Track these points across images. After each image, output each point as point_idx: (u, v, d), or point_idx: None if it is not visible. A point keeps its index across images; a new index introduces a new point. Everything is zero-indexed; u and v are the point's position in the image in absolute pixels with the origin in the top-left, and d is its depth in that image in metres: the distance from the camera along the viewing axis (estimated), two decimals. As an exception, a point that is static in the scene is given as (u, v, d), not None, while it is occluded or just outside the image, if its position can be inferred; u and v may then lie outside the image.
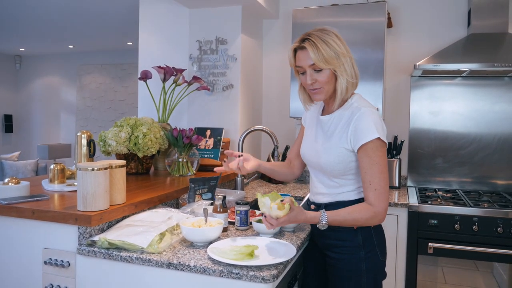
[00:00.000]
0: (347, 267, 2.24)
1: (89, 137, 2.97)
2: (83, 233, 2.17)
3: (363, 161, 2.13)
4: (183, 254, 2.05)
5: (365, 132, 2.10)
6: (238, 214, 2.47)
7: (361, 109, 2.16)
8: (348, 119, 2.19)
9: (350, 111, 2.21)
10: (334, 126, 2.26)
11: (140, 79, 3.81)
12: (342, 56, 2.15)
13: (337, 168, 2.21)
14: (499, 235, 3.28)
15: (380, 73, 3.76)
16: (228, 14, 4.17)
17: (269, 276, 1.79)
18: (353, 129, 2.14)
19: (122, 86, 11.46)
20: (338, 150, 2.19)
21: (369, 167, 2.11)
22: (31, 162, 9.12)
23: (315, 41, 2.12)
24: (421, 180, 4.24)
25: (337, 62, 2.13)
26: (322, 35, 2.15)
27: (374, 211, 2.10)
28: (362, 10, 3.84)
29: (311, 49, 2.12)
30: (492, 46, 3.75)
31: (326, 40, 2.13)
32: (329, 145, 2.23)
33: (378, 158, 2.11)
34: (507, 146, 4.02)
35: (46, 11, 7.42)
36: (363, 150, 2.11)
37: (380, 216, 2.12)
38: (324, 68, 2.14)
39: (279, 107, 4.72)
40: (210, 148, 3.88)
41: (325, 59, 2.11)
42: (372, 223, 2.15)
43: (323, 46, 2.11)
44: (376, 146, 2.11)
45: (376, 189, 2.10)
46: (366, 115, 2.13)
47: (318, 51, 2.11)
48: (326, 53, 2.11)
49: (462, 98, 4.12)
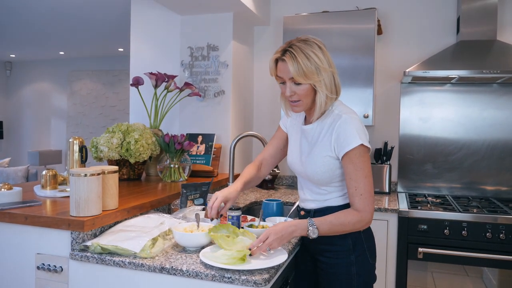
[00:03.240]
0: (338, 271, 2.25)
1: (81, 143, 2.97)
2: (76, 238, 2.18)
3: (347, 167, 2.14)
4: (175, 258, 2.07)
5: (347, 140, 2.11)
6: (230, 219, 2.48)
7: (342, 116, 2.16)
8: (330, 127, 2.19)
9: (331, 119, 2.21)
10: (317, 134, 2.27)
11: (132, 85, 3.82)
12: (323, 70, 2.11)
13: (323, 177, 2.23)
14: (488, 240, 3.31)
15: (370, 80, 3.79)
16: (219, 21, 4.20)
17: (261, 280, 1.81)
18: (336, 137, 2.15)
19: (113, 92, 11.46)
20: (323, 160, 2.20)
21: (353, 173, 2.12)
22: (22, 169, 9.08)
23: (296, 54, 2.08)
24: (411, 186, 4.27)
25: (317, 77, 2.11)
26: (305, 47, 2.10)
27: (361, 216, 2.11)
28: (353, 17, 3.88)
29: (291, 62, 2.08)
30: (481, 53, 3.78)
31: (307, 53, 2.09)
32: (314, 155, 2.24)
33: (362, 163, 2.12)
34: (496, 152, 4.06)
35: (36, 17, 7.42)
36: (347, 157, 2.12)
37: (367, 220, 2.14)
38: (303, 83, 2.13)
39: (270, 113, 4.74)
40: (202, 154, 3.90)
41: (304, 74, 2.08)
42: (359, 227, 2.16)
43: (303, 60, 2.07)
44: (359, 152, 2.12)
45: (361, 194, 2.11)
46: (347, 122, 2.14)
47: (298, 64, 2.07)
48: (305, 68, 2.07)
49: (452, 105, 4.15)
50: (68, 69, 11.95)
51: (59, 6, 6.67)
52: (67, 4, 6.58)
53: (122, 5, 6.31)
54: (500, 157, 4.05)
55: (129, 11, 4.63)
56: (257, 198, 3.81)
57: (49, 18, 7.45)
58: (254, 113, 4.83)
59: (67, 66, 11.96)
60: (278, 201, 2.91)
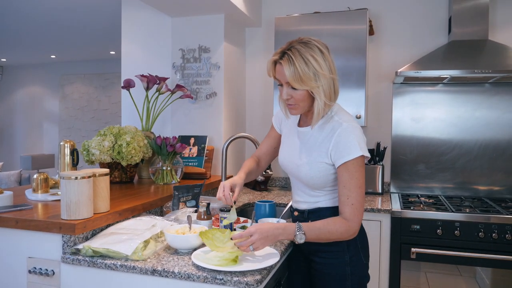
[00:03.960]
0: (332, 271, 2.25)
1: (72, 146, 2.96)
2: (67, 242, 2.17)
3: (342, 175, 2.11)
4: (167, 261, 2.06)
5: (347, 150, 2.08)
6: (222, 221, 2.47)
7: (342, 124, 2.13)
8: (329, 134, 2.17)
9: (331, 125, 2.18)
10: (314, 139, 2.24)
11: (123, 88, 3.81)
12: (323, 77, 2.06)
13: (317, 182, 2.22)
14: (480, 240, 3.32)
15: (362, 80, 3.79)
16: (210, 22, 4.19)
17: (252, 281, 1.80)
18: (335, 145, 2.12)
19: (105, 96, 11.43)
20: (319, 165, 2.19)
21: (348, 182, 2.09)
22: (15, 173, 9.05)
23: (293, 58, 2.03)
24: (404, 186, 4.28)
25: (315, 83, 2.05)
26: (304, 51, 2.04)
27: (349, 225, 2.08)
28: (344, 18, 3.88)
29: (287, 67, 2.03)
30: (472, 52, 3.79)
31: (306, 57, 2.03)
32: (310, 160, 2.22)
33: (357, 173, 2.10)
34: (488, 152, 4.07)
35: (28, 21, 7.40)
36: (344, 166, 2.10)
37: (354, 231, 2.11)
38: (298, 89, 2.08)
39: (263, 114, 4.74)
40: (194, 156, 3.89)
41: (301, 79, 2.03)
42: (345, 237, 2.12)
43: (301, 65, 2.02)
44: (357, 162, 2.10)
45: (353, 203, 2.09)
46: (348, 131, 2.11)
47: (295, 70, 2.02)
48: (303, 73, 2.02)
49: (444, 105, 4.16)
50: (59, 73, 11.92)
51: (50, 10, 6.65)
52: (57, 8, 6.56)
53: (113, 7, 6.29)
54: (492, 157, 4.06)
55: (120, 14, 4.62)
56: (250, 200, 3.80)
57: (40, 22, 7.43)
58: (247, 114, 4.83)
59: (58, 70, 11.93)
60: (271, 202, 2.90)
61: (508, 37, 4.03)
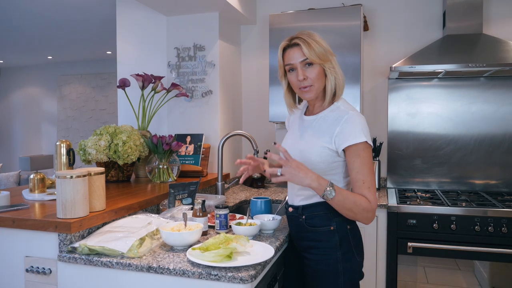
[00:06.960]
0: (324, 267, 2.25)
1: (68, 146, 2.97)
2: (63, 240, 2.18)
3: (354, 161, 2.14)
4: (162, 257, 2.07)
5: (353, 134, 2.13)
6: (217, 217, 2.49)
7: (349, 112, 2.19)
8: (335, 121, 2.21)
9: (337, 113, 2.24)
10: (318, 126, 2.29)
11: (118, 87, 3.81)
12: (330, 54, 2.23)
13: (318, 167, 2.22)
14: (477, 233, 3.33)
15: (358, 76, 3.80)
16: (205, 20, 4.19)
17: (247, 277, 1.82)
18: (340, 131, 2.16)
19: (103, 96, 11.42)
20: (321, 150, 2.21)
21: (361, 167, 2.13)
22: (13, 174, 9.04)
23: (306, 39, 2.19)
24: (400, 181, 4.29)
25: (327, 58, 2.21)
26: (311, 35, 2.22)
27: (371, 205, 2.12)
28: (339, 14, 3.88)
29: (304, 44, 2.18)
30: (467, 47, 3.79)
31: (315, 39, 2.20)
32: (312, 144, 2.25)
33: (368, 159, 2.15)
34: (484, 146, 4.08)
35: (23, 22, 7.39)
36: (354, 151, 2.13)
37: (373, 212, 2.16)
38: (316, 63, 2.20)
39: (259, 112, 4.74)
40: (191, 154, 3.90)
41: (317, 54, 2.18)
42: (364, 216, 2.15)
43: (314, 44, 2.18)
44: (365, 148, 2.14)
45: (369, 187, 2.13)
46: (354, 118, 2.17)
47: (310, 47, 2.17)
48: (317, 49, 2.18)
49: (439, 99, 4.17)
50: (57, 74, 11.89)
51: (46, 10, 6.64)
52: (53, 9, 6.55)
53: (108, 7, 6.29)
54: (488, 151, 4.07)
55: (115, 14, 4.62)
56: (247, 197, 3.81)
57: (36, 22, 7.42)
58: (243, 112, 4.84)
59: (56, 71, 11.91)
60: (266, 198, 2.90)
61: (502, 30, 4.04)
